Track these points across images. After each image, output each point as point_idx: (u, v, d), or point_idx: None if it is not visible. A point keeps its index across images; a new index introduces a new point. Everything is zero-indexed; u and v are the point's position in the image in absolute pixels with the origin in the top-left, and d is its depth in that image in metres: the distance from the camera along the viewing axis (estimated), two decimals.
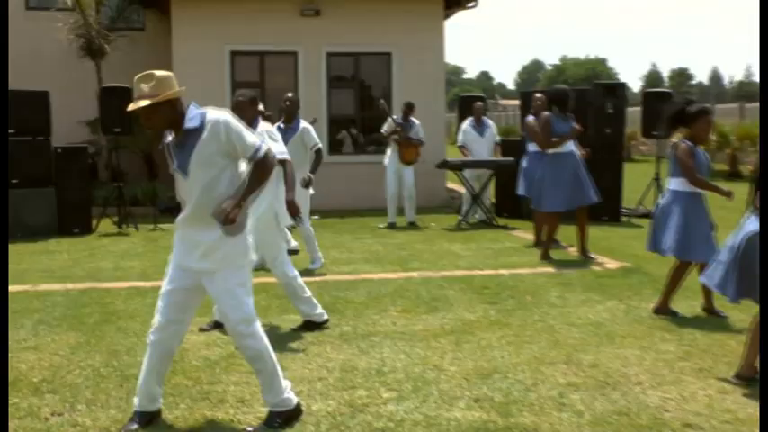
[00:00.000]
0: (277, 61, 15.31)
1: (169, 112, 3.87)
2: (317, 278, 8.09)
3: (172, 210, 14.02)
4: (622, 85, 13.55)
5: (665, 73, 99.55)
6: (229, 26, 14.85)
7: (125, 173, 13.42)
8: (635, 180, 14.85)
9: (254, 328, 4.02)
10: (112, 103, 12.04)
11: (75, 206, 11.67)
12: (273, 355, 4.14)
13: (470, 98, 15.28)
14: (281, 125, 8.53)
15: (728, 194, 6.15)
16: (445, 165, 12.56)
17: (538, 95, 10.80)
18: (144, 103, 3.78)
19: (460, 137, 13.01)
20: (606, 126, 12.46)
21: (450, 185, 16.69)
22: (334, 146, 15.49)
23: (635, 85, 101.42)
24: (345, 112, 15.67)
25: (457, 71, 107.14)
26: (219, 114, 3.92)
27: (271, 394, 4.14)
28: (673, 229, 6.30)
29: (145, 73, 3.84)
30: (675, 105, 6.44)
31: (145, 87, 3.82)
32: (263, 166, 3.97)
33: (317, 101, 15.16)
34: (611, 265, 8.74)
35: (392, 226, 12.16)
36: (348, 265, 8.93)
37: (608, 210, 12.11)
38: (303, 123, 8.65)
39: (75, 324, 6.31)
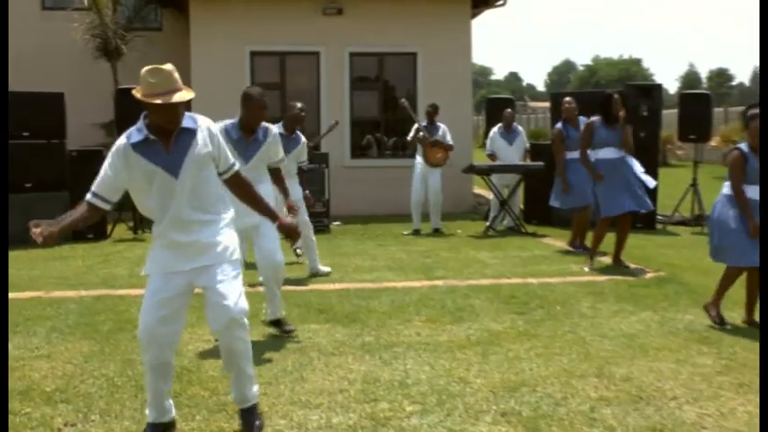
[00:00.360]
0: (298, 62, 15.37)
1: None
2: (338, 285, 8.11)
3: None
4: (658, 87, 13.46)
5: (704, 73, 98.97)
6: (249, 26, 14.94)
7: None
8: (671, 186, 14.75)
9: (247, 322, 4.05)
10: (128, 105, 12.11)
11: None
12: None
13: (498, 100, 15.28)
14: (283, 132, 8.35)
15: (752, 229, 6.19)
16: (472, 169, 12.53)
17: (567, 99, 10.72)
18: (192, 95, 3.86)
19: (489, 144, 13.00)
20: (640, 129, 12.36)
21: (477, 191, 16.66)
22: (357, 150, 15.52)
23: (671, 86, 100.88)
24: (369, 114, 15.69)
25: (484, 72, 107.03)
26: (208, 120, 4.07)
27: (249, 387, 4.22)
28: (731, 236, 6.34)
29: (170, 65, 3.87)
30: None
31: (179, 79, 3.87)
32: (244, 183, 4.21)
33: (339, 102, 15.21)
34: (646, 274, 8.67)
35: (417, 233, 12.15)
36: (371, 272, 8.94)
37: (642, 217, 12.01)
38: (302, 137, 8.65)
39: (88, 332, 6.36)
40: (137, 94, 3.84)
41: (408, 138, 12.41)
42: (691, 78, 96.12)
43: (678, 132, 13.33)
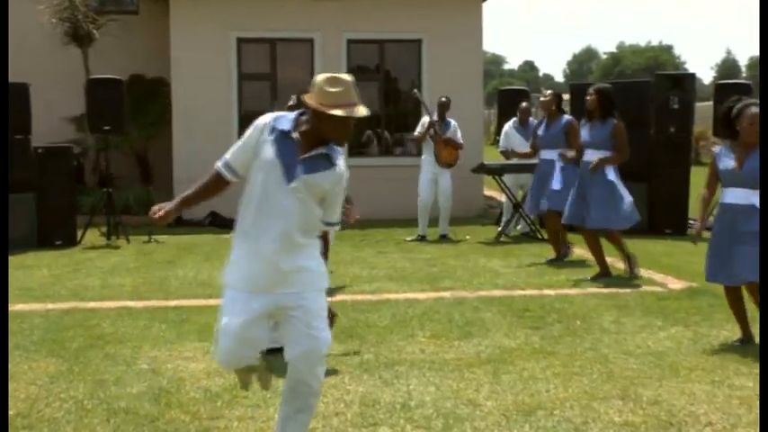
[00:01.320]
0: (290, 49, 15.38)
1: None
2: (334, 297, 8.10)
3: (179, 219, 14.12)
4: (690, 76, 13.48)
5: (743, 61, 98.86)
6: (236, 9, 14.93)
7: (115, 176, 13.51)
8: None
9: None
10: (101, 97, 12.14)
11: (57, 214, 11.76)
12: None
13: (512, 92, 15.31)
14: None
15: (693, 238, 6.55)
16: (483, 168, 12.52)
17: (548, 92, 10.82)
18: (368, 112, 4.05)
19: (502, 141, 13.01)
20: (670, 124, 12.38)
21: (488, 192, 16.66)
22: (355, 147, 15.49)
23: (706, 75, 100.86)
24: (369, 107, 15.62)
25: (497, 60, 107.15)
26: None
27: None
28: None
29: (349, 75, 4.02)
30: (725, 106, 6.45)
31: (358, 92, 4.01)
32: (326, 240, 4.29)
33: None
34: (675, 285, 8.67)
35: (422, 239, 12.15)
36: (370, 283, 8.93)
37: (672, 222, 12.04)
38: None
39: (55, 349, 6.35)
40: (309, 100, 3.91)
41: (416, 133, 12.38)
42: (728, 67, 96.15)
43: (713, 127, 13.31)
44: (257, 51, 15.27)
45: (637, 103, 12.53)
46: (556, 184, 9.82)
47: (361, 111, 3.96)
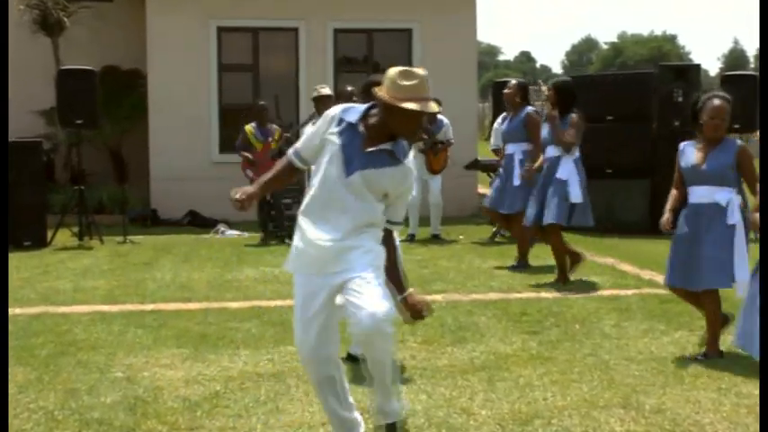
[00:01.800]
0: (273, 39, 15.36)
1: None
2: None
3: (145, 217, 14.09)
4: (695, 67, 13.50)
5: (751, 52, 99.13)
6: None
7: (88, 173, 13.48)
8: None
9: (390, 330, 4.02)
10: (73, 89, 12.09)
11: (26, 213, 11.70)
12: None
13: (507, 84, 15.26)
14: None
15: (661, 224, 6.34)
16: (476, 165, 12.56)
17: (511, 82, 10.86)
18: (438, 108, 4.03)
19: (493, 138, 13.01)
20: (674, 117, 12.39)
21: (483, 190, 16.67)
22: None
23: (712, 66, 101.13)
24: (356, 101, 15.63)
25: (492, 51, 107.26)
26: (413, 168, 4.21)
27: (388, 401, 4.33)
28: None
29: (423, 69, 4.07)
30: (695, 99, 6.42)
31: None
32: (390, 244, 4.28)
33: None
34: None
35: (412, 238, 12.16)
36: None
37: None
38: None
39: (24, 357, 6.32)
40: (380, 92, 4.01)
41: None
42: (735, 57, 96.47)
43: None
44: (238, 41, 15.24)
45: (639, 96, 12.59)
46: (516, 179, 9.78)
47: (434, 106, 4.04)
